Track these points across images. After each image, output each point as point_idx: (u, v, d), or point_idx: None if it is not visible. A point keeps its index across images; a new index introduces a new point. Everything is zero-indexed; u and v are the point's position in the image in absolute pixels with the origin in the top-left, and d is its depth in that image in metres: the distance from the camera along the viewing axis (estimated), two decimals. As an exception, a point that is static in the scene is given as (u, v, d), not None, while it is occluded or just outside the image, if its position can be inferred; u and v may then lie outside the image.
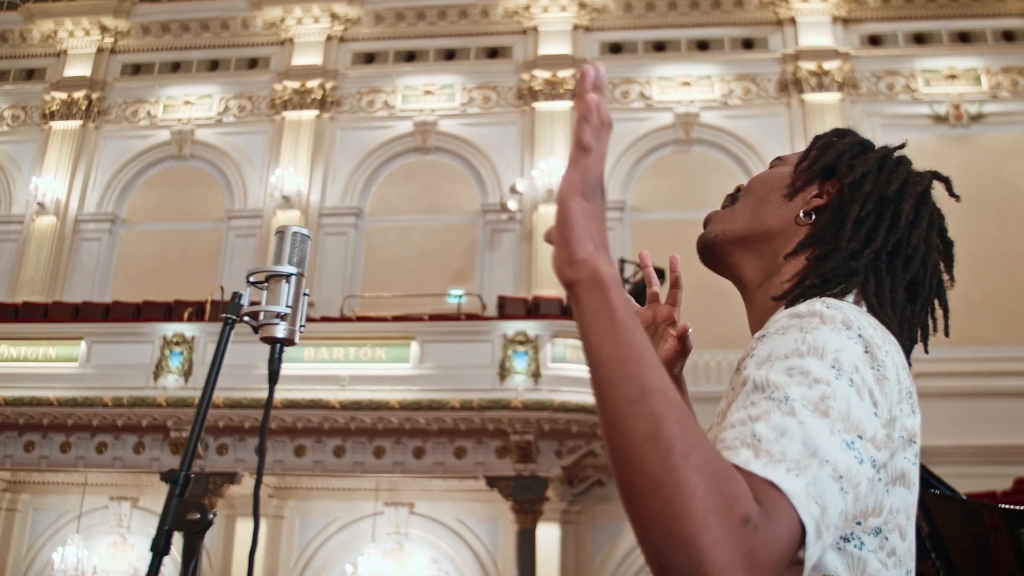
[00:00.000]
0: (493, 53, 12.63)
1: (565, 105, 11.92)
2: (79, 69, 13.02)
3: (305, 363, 9.17)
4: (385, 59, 12.82)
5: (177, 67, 13.08)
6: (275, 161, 12.08)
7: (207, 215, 12.24)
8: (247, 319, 1.42)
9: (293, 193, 11.78)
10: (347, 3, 12.73)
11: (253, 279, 1.45)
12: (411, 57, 12.77)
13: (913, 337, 0.91)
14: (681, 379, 1.10)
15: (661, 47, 12.35)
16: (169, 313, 10.27)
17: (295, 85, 12.42)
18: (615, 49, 12.47)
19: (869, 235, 0.89)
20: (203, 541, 1.26)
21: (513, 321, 9.29)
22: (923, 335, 0.93)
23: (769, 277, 0.95)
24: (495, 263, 11.41)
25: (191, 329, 9.55)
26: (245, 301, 1.43)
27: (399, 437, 9.13)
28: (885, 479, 0.76)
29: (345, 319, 10.37)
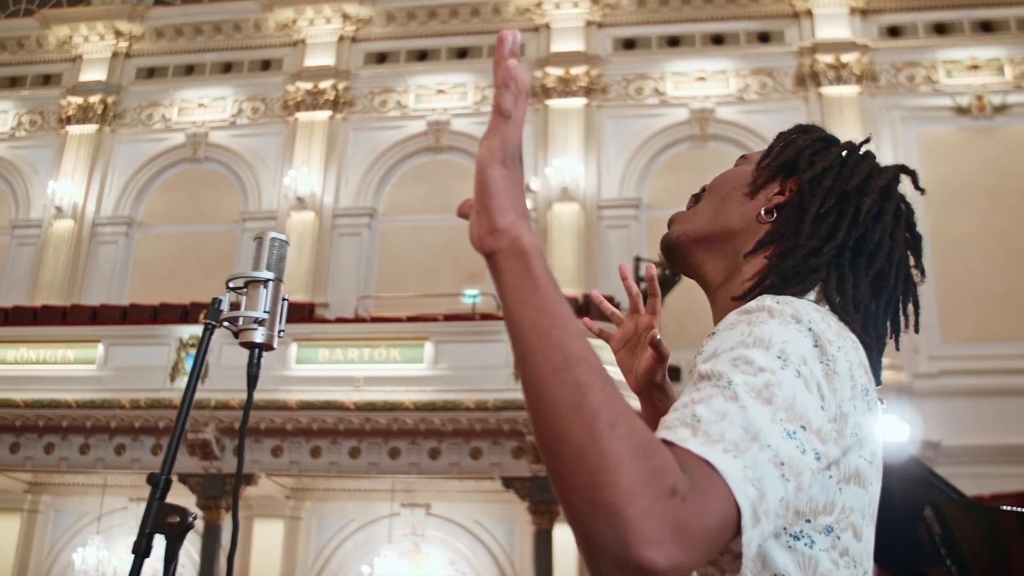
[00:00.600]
0: (505, 51, 12.59)
1: (579, 102, 11.85)
2: (94, 74, 13.15)
3: (320, 364, 9.20)
4: (397, 59, 12.81)
5: (191, 70, 13.16)
6: (289, 162, 12.11)
7: (222, 217, 12.31)
8: (227, 324, 1.43)
9: (307, 194, 11.81)
10: (358, 3, 12.73)
11: (232, 285, 1.47)
12: (423, 56, 12.75)
13: (881, 334, 0.88)
14: (666, 385, 1.07)
15: (675, 42, 12.22)
16: (185, 315, 10.32)
17: (308, 86, 12.45)
18: (629, 45, 12.37)
19: (830, 231, 0.87)
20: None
21: (527, 321, 9.24)
22: (894, 331, 0.90)
23: (731, 277, 0.94)
24: (510, 262, 11.36)
25: (206, 331, 9.58)
26: (225, 307, 1.45)
27: (414, 438, 9.12)
28: (837, 477, 0.74)
29: (359, 320, 10.38)
